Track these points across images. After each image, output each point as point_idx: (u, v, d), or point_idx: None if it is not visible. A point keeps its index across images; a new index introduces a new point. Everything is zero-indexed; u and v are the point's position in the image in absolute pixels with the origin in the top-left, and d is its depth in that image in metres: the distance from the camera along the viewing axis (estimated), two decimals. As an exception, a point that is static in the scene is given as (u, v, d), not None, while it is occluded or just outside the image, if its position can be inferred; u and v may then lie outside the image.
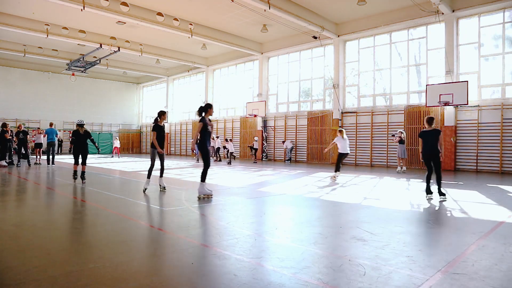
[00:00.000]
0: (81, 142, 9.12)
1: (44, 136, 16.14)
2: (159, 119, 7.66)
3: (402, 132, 13.60)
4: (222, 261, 3.30)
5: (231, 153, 18.72)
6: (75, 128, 9.40)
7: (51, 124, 16.03)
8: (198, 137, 6.69)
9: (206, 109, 6.73)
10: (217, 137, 21.29)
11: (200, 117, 6.71)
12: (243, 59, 23.98)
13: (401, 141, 13.44)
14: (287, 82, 21.85)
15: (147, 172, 7.94)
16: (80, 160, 9.20)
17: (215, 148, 20.29)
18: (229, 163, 17.57)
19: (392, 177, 11.68)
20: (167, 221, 4.93)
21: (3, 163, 14.18)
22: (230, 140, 19.73)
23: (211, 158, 6.69)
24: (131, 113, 35.36)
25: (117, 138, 26.88)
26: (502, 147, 13.72)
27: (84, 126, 9.35)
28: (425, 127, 7.02)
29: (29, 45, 22.65)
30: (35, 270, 3.00)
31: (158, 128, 7.69)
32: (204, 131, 6.62)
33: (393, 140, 14.47)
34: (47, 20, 18.17)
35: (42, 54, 23.61)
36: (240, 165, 17.43)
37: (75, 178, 9.22)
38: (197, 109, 6.77)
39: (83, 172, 9.28)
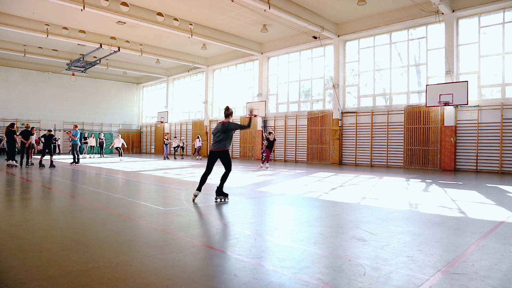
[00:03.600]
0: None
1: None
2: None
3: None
4: (222, 261, 3.30)
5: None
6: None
7: (75, 126, 16.66)
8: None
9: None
10: (198, 137, 22.96)
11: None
12: (243, 59, 23.98)
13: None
14: (287, 82, 21.85)
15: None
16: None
17: (197, 147, 22.64)
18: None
19: (392, 177, 11.68)
20: (167, 221, 4.93)
21: (13, 162, 14.27)
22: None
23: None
24: (131, 113, 35.36)
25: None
26: (502, 147, 13.72)
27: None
28: None
29: (29, 45, 22.66)
30: (35, 270, 3.00)
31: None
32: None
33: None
34: (47, 20, 18.17)
35: (42, 54, 23.62)
36: (240, 165, 17.43)
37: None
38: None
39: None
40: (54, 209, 6.03)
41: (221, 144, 6.61)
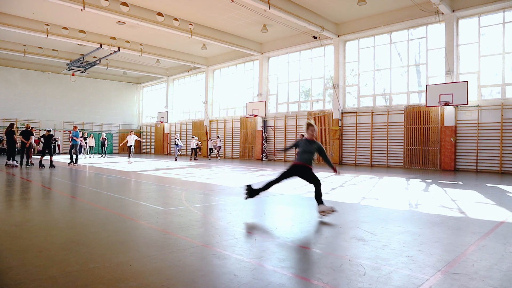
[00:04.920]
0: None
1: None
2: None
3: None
4: (222, 261, 3.30)
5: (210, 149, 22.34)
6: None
7: (75, 127, 16.69)
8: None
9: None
10: (218, 136, 22.29)
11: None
12: (243, 59, 23.98)
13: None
14: (287, 82, 21.85)
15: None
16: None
17: (218, 147, 21.74)
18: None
19: (392, 177, 11.68)
20: (167, 221, 4.93)
21: (14, 162, 14.26)
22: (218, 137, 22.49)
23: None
24: (131, 113, 35.36)
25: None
26: (502, 147, 13.72)
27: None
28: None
29: (29, 45, 22.65)
30: (35, 270, 3.00)
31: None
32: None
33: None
34: (47, 20, 18.17)
35: (42, 54, 23.62)
36: (240, 165, 17.43)
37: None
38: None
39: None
40: (54, 209, 6.03)
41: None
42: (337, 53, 18.75)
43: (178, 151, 22.36)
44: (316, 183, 5.25)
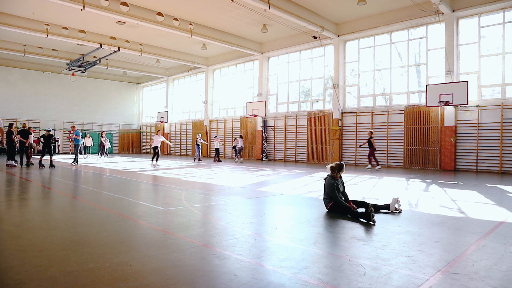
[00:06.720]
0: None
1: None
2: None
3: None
4: (222, 261, 3.30)
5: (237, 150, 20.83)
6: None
7: (73, 127, 16.71)
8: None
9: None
10: (241, 136, 20.88)
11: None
12: (243, 59, 23.98)
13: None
14: (287, 82, 21.85)
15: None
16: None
17: (239, 148, 20.37)
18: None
19: (392, 177, 11.68)
20: (167, 221, 4.93)
21: (13, 162, 14.27)
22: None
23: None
24: (131, 113, 35.36)
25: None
26: (502, 147, 13.72)
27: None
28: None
29: (29, 45, 22.65)
30: (35, 270, 3.00)
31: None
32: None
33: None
34: (47, 20, 18.17)
35: (42, 54, 23.61)
36: (240, 164, 17.42)
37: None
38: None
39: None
40: (54, 209, 6.03)
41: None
42: (337, 53, 18.75)
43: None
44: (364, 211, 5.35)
